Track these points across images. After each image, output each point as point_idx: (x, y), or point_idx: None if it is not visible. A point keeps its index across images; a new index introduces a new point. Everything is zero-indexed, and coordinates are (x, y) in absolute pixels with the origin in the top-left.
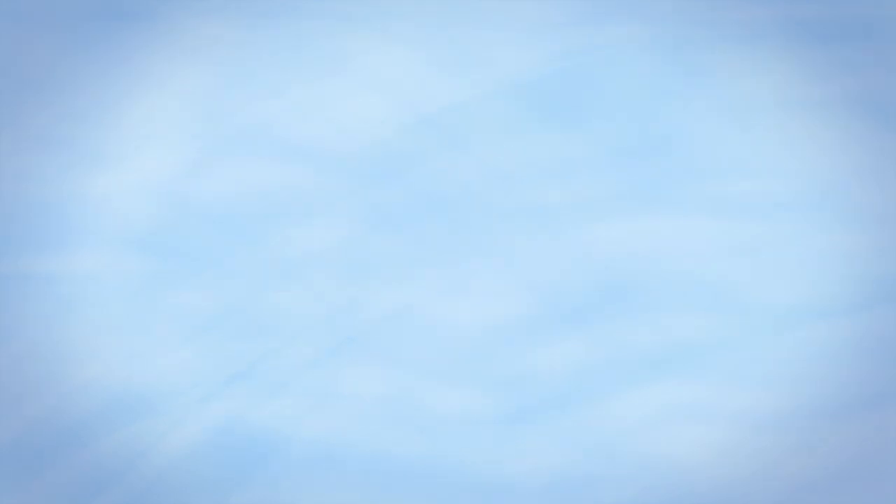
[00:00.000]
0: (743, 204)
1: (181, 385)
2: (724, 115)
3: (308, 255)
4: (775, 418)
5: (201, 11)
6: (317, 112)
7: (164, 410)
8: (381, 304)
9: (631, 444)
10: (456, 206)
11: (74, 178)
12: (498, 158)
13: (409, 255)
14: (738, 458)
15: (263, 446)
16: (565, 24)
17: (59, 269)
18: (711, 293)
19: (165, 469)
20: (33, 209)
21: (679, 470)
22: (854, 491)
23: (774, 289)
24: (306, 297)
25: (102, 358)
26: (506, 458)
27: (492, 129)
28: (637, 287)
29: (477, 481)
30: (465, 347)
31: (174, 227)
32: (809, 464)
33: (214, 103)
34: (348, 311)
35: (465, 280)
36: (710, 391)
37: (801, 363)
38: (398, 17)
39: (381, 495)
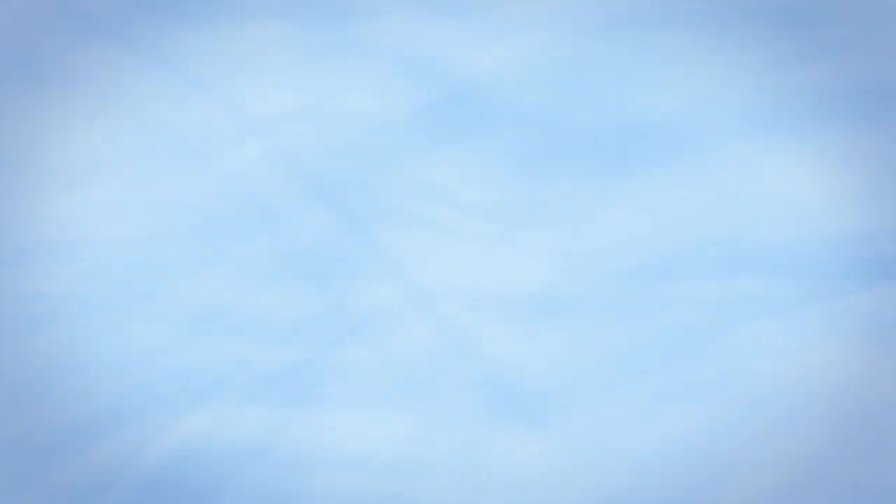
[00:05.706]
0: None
1: (163, 393)
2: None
3: (278, 258)
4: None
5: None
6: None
7: (146, 419)
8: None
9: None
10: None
11: (49, 193)
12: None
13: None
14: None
15: (244, 453)
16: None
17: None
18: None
19: (148, 479)
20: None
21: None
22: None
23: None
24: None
25: (86, 368)
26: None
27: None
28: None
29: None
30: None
31: (153, 234)
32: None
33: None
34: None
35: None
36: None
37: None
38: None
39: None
